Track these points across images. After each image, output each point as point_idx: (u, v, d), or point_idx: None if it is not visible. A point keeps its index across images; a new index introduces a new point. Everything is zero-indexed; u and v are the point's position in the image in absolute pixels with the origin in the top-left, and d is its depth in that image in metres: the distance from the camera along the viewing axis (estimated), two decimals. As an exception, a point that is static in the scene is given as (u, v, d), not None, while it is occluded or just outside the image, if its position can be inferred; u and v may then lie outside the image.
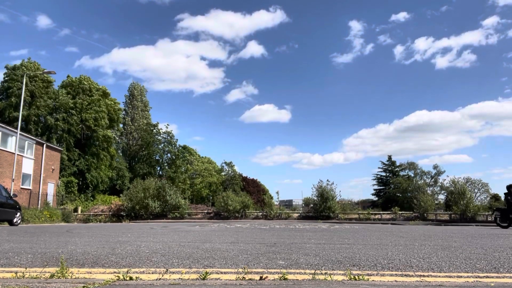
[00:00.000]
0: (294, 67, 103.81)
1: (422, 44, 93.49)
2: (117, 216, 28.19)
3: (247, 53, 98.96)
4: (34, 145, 29.50)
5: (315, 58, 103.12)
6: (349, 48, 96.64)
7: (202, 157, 61.17)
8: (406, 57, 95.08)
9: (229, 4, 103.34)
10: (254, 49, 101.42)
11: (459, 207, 24.67)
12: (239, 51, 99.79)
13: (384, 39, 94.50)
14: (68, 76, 42.71)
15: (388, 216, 27.60)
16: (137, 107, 54.46)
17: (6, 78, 37.39)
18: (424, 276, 2.64)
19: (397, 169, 57.38)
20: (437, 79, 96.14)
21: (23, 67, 36.83)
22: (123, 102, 53.31)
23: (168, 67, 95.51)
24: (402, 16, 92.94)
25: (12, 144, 26.30)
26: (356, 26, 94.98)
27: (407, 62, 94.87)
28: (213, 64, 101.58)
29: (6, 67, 38.07)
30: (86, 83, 40.95)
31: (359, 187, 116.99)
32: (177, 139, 51.99)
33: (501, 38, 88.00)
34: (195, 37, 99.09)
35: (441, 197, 45.36)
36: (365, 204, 54.02)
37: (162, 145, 50.66)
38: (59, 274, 2.47)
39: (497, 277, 2.67)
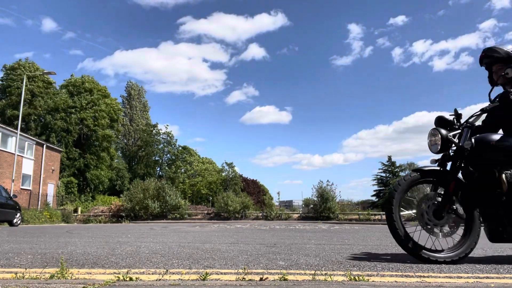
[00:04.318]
0: (294, 69, 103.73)
1: (420, 47, 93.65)
2: (117, 216, 28.18)
3: (248, 55, 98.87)
4: (34, 145, 29.49)
5: (315, 60, 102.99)
6: (348, 51, 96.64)
7: (202, 157, 61.18)
8: (404, 59, 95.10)
9: (231, 8, 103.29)
10: (255, 51, 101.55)
11: (459, 208, 24.66)
12: (240, 53, 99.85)
13: (382, 42, 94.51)
14: (71, 75, 42.79)
15: (388, 217, 27.54)
16: (135, 108, 54.46)
17: (5, 78, 37.44)
18: (424, 276, 2.64)
19: (397, 169, 57.33)
20: (435, 81, 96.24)
21: (21, 67, 36.87)
22: (121, 103, 53.33)
23: (170, 69, 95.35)
24: (400, 19, 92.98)
25: (12, 144, 26.31)
26: (355, 29, 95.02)
27: (405, 64, 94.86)
28: (215, 66, 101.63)
29: (4, 66, 38.16)
30: (88, 84, 40.96)
31: (359, 188, 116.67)
32: (176, 139, 52.07)
33: (498, 41, 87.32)
34: (198, 40, 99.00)
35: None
36: (365, 205, 53.82)
37: (162, 145, 50.67)
38: (59, 275, 2.47)
39: (497, 277, 2.66)
